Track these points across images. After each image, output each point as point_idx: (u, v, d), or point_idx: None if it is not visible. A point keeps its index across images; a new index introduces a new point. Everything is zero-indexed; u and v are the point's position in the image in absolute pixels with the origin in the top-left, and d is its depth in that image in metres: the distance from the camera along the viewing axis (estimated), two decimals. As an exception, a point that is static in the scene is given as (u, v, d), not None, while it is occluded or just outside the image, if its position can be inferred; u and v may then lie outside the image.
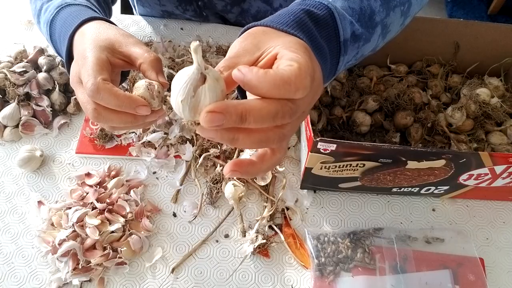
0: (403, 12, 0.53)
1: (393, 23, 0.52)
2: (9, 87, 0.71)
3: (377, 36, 0.51)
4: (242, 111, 0.32)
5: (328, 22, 0.44)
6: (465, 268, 0.60)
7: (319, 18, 0.43)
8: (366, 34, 0.49)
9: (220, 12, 0.87)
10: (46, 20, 0.57)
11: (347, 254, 0.60)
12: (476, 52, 0.76)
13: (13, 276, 0.59)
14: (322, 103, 0.75)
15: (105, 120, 0.45)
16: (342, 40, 0.45)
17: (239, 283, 0.60)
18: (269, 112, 0.32)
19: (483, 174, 0.59)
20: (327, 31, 0.43)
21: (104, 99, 0.43)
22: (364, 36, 0.48)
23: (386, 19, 0.51)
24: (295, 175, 0.70)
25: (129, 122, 0.45)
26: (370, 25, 0.49)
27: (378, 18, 0.49)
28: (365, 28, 0.48)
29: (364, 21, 0.48)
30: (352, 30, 0.46)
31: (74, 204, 0.63)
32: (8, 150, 0.71)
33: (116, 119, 0.45)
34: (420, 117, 0.72)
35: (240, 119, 0.32)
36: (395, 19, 0.52)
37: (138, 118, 0.45)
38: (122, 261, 0.60)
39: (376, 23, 0.50)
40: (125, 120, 0.45)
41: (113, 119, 0.45)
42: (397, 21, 0.53)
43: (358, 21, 0.47)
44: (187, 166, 0.69)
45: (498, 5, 2.17)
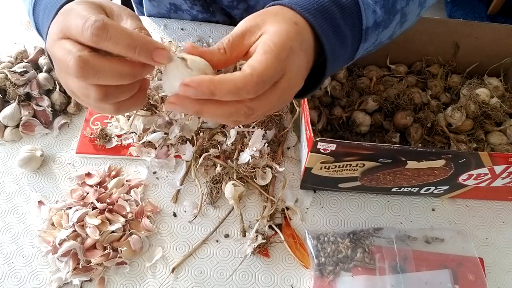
0: (420, 2, 0.54)
1: (411, 13, 0.53)
2: (9, 87, 0.72)
3: (396, 23, 0.52)
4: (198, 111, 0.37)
5: (353, 10, 0.45)
6: (464, 268, 0.60)
7: (345, 6, 0.44)
8: (387, 21, 0.49)
9: (226, 8, 0.86)
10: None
11: (347, 254, 0.60)
12: (476, 52, 0.76)
13: (13, 276, 0.59)
14: (322, 103, 0.75)
15: (94, 71, 0.35)
16: (364, 28, 0.46)
17: (239, 283, 0.60)
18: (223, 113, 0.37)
19: (483, 174, 0.59)
20: (351, 19, 0.45)
21: (113, 37, 0.34)
22: (384, 23, 0.49)
23: (406, 7, 0.52)
24: (295, 175, 0.70)
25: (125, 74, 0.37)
26: (392, 12, 0.50)
27: (399, 6, 0.50)
28: (386, 15, 0.49)
29: (388, 7, 0.49)
30: (374, 18, 0.47)
31: (74, 204, 0.63)
32: (8, 150, 0.71)
33: (109, 69, 0.36)
34: (420, 117, 0.72)
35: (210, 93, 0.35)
36: (413, 8, 0.53)
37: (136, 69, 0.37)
38: (123, 261, 0.60)
39: (397, 10, 0.50)
40: (120, 71, 0.36)
41: (104, 69, 0.35)
42: (415, 11, 0.54)
43: (382, 7, 0.48)
44: (187, 166, 0.69)
45: (497, 5, 2.17)
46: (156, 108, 0.73)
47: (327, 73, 0.45)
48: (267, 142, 0.69)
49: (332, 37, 0.43)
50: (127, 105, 0.40)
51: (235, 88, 0.36)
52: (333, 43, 0.43)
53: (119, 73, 0.36)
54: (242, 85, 0.36)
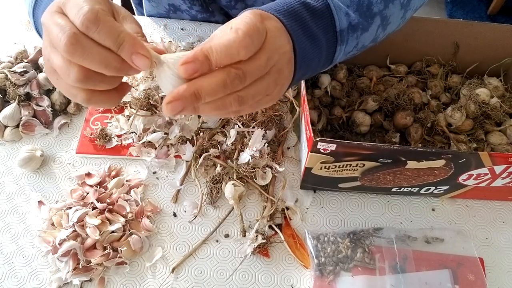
0: (403, 4, 0.55)
1: (393, 15, 0.54)
2: (9, 87, 0.72)
3: (376, 26, 0.53)
4: (194, 92, 0.36)
5: (324, 13, 0.46)
6: (464, 268, 0.60)
7: (316, 9, 0.46)
8: (364, 24, 0.51)
9: (225, 8, 0.87)
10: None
11: (347, 254, 0.60)
12: (476, 52, 0.76)
13: (13, 276, 0.59)
14: (322, 103, 0.75)
15: (82, 50, 0.35)
16: (339, 30, 0.48)
17: (239, 283, 0.60)
18: (217, 83, 0.36)
19: (483, 174, 0.59)
20: (323, 22, 0.46)
21: (102, 31, 0.35)
22: (361, 25, 0.50)
23: (385, 10, 0.52)
24: (295, 175, 0.70)
25: (111, 65, 0.36)
26: (369, 15, 0.51)
27: (376, 9, 0.51)
28: (363, 18, 0.50)
29: (362, 11, 0.50)
30: (348, 21, 0.48)
31: (74, 204, 0.63)
32: (8, 150, 0.71)
33: (97, 53, 0.36)
34: (420, 117, 0.72)
35: (196, 99, 0.36)
36: (395, 11, 0.54)
37: (123, 65, 0.37)
38: (122, 261, 0.60)
39: (375, 13, 0.51)
40: (107, 60, 0.36)
41: (93, 52, 0.35)
42: (397, 13, 0.55)
43: (356, 11, 0.49)
44: (187, 166, 0.69)
45: (497, 6, 2.17)
46: (156, 108, 0.73)
47: (298, 73, 0.45)
48: (267, 142, 0.69)
49: (302, 37, 0.44)
50: (100, 98, 0.40)
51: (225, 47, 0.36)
52: (303, 43, 0.44)
53: (105, 61, 0.36)
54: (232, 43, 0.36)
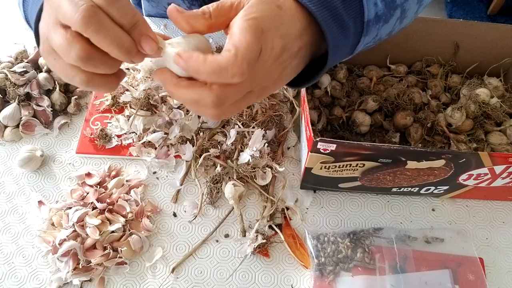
0: (419, 0, 0.54)
1: (410, 9, 0.53)
2: (9, 87, 0.72)
3: (396, 19, 0.51)
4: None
5: (355, 1, 0.44)
6: (464, 268, 0.60)
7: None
8: (387, 15, 0.49)
9: None
10: None
11: (347, 254, 0.60)
12: (476, 52, 0.76)
13: (13, 276, 0.59)
14: (322, 103, 0.75)
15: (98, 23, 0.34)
16: (366, 20, 0.45)
17: (239, 283, 0.60)
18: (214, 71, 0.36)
19: (483, 174, 0.59)
20: (354, 10, 0.44)
21: (122, 9, 0.35)
22: (384, 17, 0.48)
23: (405, 3, 0.51)
24: (295, 175, 0.70)
25: (123, 44, 0.36)
26: (392, 6, 0.49)
27: (399, 1, 0.50)
28: (387, 9, 0.48)
29: (388, 1, 0.48)
30: (375, 11, 0.46)
31: (74, 204, 0.63)
32: (8, 150, 0.71)
33: (112, 30, 0.35)
34: (420, 117, 0.72)
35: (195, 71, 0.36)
36: (412, 5, 0.53)
37: (133, 47, 0.37)
38: (122, 261, 0.60)
39: (397, 5, 0.50)
40: (120, 38, 0.36)
41: (108, 27, 0.35)
42: (413, 8, 0.54)
43: (383, 1, 0.47)
44: (187, 166, 0.69)
45: (497, 6, 2.17)
46: (156, 108, 0.73)
47: (329, 63, 0.44)
48: (267, 142, 0.69)
49: (335, 28, 0.42)
50: (98, 81, 0.39)
51: (220, 69, 0.35)
52: (336, 35, 0.42)
53: (118, 39, 0.35)
54: (228, 65, 0.35)
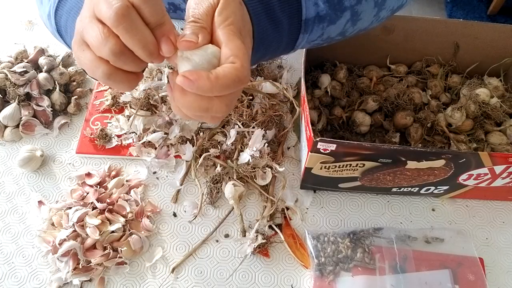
0: (377, 3, 0.54)
1: (364, 12, 0.54)
2: (9, 87, 0.72)
3: (345, 21, 0.53)
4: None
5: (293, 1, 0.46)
6: (464, 268, 0.60)
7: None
8: (332, 16, 0.50)
9: None
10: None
11: (347, 254, 0.60)
12: (476, 52, 0.76)
13: (13, 276, 0.59)
14: (322, 103, 0.75)
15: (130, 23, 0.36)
16: (304, 18, 0.48)
17: (239, 283, 0.60)
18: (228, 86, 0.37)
19: (483, 174, 0.59)
20: (289, 7, 0.46)
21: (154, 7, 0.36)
22: (329, 17, 0.50)
23: (357, 6, 0.52)
24: (295, 175, 0.70)
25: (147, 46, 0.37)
26: (338, 9, 0.51)
27: (347, 4, 0.51)
28: (332, 10, 0.50)
29: (333, 3, 0.50)
30: (316, 11, 0.48)
31: (74, 204, 0.63)
32: (8, 150, 0.71)
33: (140, 31, 0.37)
34: (420, 117, 0.72)
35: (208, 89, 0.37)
36: (367, 8, 0.54)
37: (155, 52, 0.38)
38: (122, 261, 0.60)
39: (345, 7, 0.51)
40: (146, 40, 0.37)
41: (137, 28, 0.36)
42: (370, 12, 0.55)
43: (326, 2, 0.49)
44: (187, 166, 0.69)
45: (497, 6, 2.17)
46: (156, 108, 0.73)
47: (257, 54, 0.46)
48: (267, 142, 0.69)
49: (264, 18, 0.44)
50: (120, 77, 0.39)
51: (231, 83, 0.36)
52: (263, 24, 0.44)
53: (144, 41, 0.36)
54: (237, 78, 0.36)
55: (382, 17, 0.58)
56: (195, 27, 0.38)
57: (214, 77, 0.36)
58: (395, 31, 0.74)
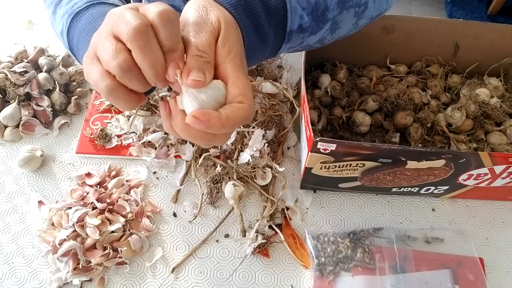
0: (357, 13, 0.55)
1: (344, 21, 0.54)
2: (9, 87, 0.72)
3: (325, 30, 0.53)
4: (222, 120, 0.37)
5: (279, 12, 0.46)
6: (464, 268, 0.60)
7: (272, 7, 0.46)
8: (314, 28, 0.51)
9: None
10: (69, 12, 0.52)
11: (347, 254, 0.60)
12: (476, 52, 0.76)
13: (13, 276, 0.59)
14: (322, 103, 0.75)
15: (146, 41, 0.36)
16: (288, 30, 0.48)
17: (239, 283, 0.60)
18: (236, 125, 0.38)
19: (483, 174, 0.59)
20: (275, 20, 0.46)
21: (172, 31, 0.37)
22: (311, 29, 0.50)
23: (338, 16, 0.52)
24: (295, 175, 0.70)
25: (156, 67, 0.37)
26: (321, 20, 0.51)
27: (330, 15, 0.51)
28: (315, 22, 0.50)
29: (316, 15, 0.50)
30: (300, 23, 0.49)
31: (74, 204, 0.63)
32: (8, 150, 0.71)
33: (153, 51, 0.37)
34: (420, 117, 0.72)
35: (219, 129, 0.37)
36: (347, 18, 0.54)
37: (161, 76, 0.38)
38: (122, 261, 0.60)
39: (328, 19, 0.52)
40: (156, 61, 0.37)
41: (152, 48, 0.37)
42: (349, 21, 0.55)
43: (310, 14, 0.49)
44: (187, 166, 0.69)
45: (497, 6, 2.17)
46: (156, 108, 0.73)
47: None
48: (267, 142, 0.69)
49: (253, 35, 0.44)
50: (122, 94, 0.39)
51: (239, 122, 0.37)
52: (252, 41, 0.45)
53: (154, 61, 0.37)
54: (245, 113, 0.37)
55: (361, 25, 0.58)
56: (201, 62, 0.38)
57: (225, 118, 0.36)
58: (395, 31, 0.74)
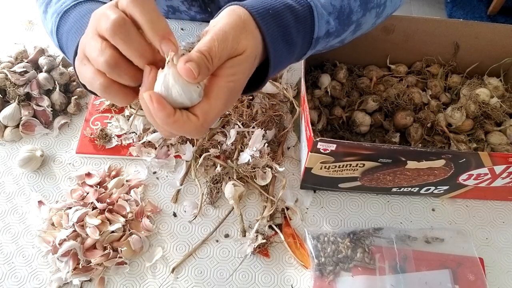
0: (377, 13, 0.56)
1: (366, 23, 0.55)
2: (9, 87, 0.72)
3: (349, 32, 0.53)
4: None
5: (307, 19, 0.46)
6: (464, 268, 0.60)
7: (299, 15, 0.45)
8: (340, 31, 0.51)
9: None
10: (57, 11, 0.52)
11: (347, 254, 0.60)
12: (476, 52, 0.76)
13: (13, 276, 0.59)
14: (322, 103, 0.75)
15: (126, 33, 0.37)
16: (315, 37, 0.48)
17: (239, 283, 0.60)
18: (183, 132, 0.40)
19: (483, 174, 0.59)
20: (304, 27, 0.46)
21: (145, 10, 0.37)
22: (336, 33, 0.51)
23: (362, 18, 0.53)
24: (295, 175, 0.70)
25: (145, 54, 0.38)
26: (347, 23, 0.51)
27: (354, 18, 0.52)
28: (341, 26, 0.50)
29: (342, 19, 0.50)
30: (327, 29, 0.49)
31: (74, 204, 0.63)
32: (8, 150, 0.71)
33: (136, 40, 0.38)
34: (420, 117, 0.72)
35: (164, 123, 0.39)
36: (369, 19, 0.55)
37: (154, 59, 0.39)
38: (122, 261, 0.60)
39: (352, 21, 0.52)
40: (143, 48, 0.38)
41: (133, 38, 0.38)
42: (371, 21, 0.56)
43: (336, 19, 0.49)
44: (187, 166, 0.69)
45: (497, 6, 2.17)
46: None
47: (270, 75, 0.46)
48: (267, 142, 0.69)
49: (281, 43, 0.44)
50: (116, 89, 0.40)
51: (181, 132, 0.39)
52: (280, 49, 0.44)
53: (142, 49, 0.38)
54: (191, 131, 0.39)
55: (377, 23, 0.59)
56: (203, 62, 0.38)
57: (172, 121, 0.38)
58: (395, 31, 0.74)
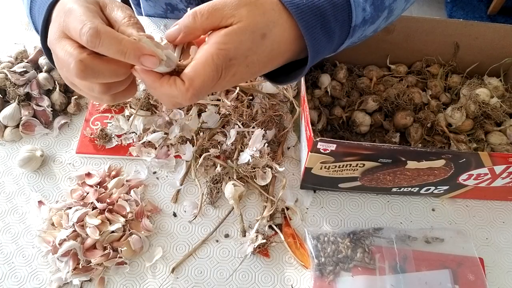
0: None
1: (397, 8, 0.54)
2: (9, 87, 0.72)
3: (382, 19, 0.53)
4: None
5: (344, 7, 0.45)
6: (464, 268, 0.60)
7: (337, 3, 0.45)
8: (374, 18, 0.50)
9: None
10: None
11: (347, 254, 0.60)
12: (476, 52, 0.76)
13: (13, 276, 0.59)
14: (322, 103, 0.75)
15: (93, 73, 0.38)
16: (353, 25, 0.47)
17: (239, 283, 0.60)
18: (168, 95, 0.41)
19: (483, 174, 0.59)
20: (342, 16, 0.45)
21: (105, 44, 0.37)
22: (371, 20, 0.50)
23: (393, 3, 0.52)
24: (295, 175, 0.70)
25: (121, 73, 0.40)
26: (380, 9, 0.50)
27: (387, 3, 0.51)
28: (375, 12, 0.49)
29: (377, 4, 0.49)
30: (363, 16, 0.48)
31: (74, 204, 0.63)
32: (8, 150, 0.71)
33: (106, 71, 0.39)
34: (420, 117, 0.72)
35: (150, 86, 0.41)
36: (400, 4, 0.54)
37: (130, 69, 0.40)
38: (122, 261, 0.60)
39: (385, 7, 0.51)
40: (116, 71, 0.39)
41: (102, 71, 0.38)
42: (401, 6, 0.55)
43: (372, 5, 0.48)
44: (187, 166, 0.69)
45: (497, 6, 2.17)
46: (156, 108, 0.73)
47: (308, 66, 0.46)
48: (267, 142, 0.69)
49: (319, 32, 0.44)
50: (121, 95, 0.44)
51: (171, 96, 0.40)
52: (319, 38, 0.44)
53: (115, 73, 0.39)
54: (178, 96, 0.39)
55: (406, 9, 0.58)
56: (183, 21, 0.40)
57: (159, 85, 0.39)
58: (395, 31, 0.74)
